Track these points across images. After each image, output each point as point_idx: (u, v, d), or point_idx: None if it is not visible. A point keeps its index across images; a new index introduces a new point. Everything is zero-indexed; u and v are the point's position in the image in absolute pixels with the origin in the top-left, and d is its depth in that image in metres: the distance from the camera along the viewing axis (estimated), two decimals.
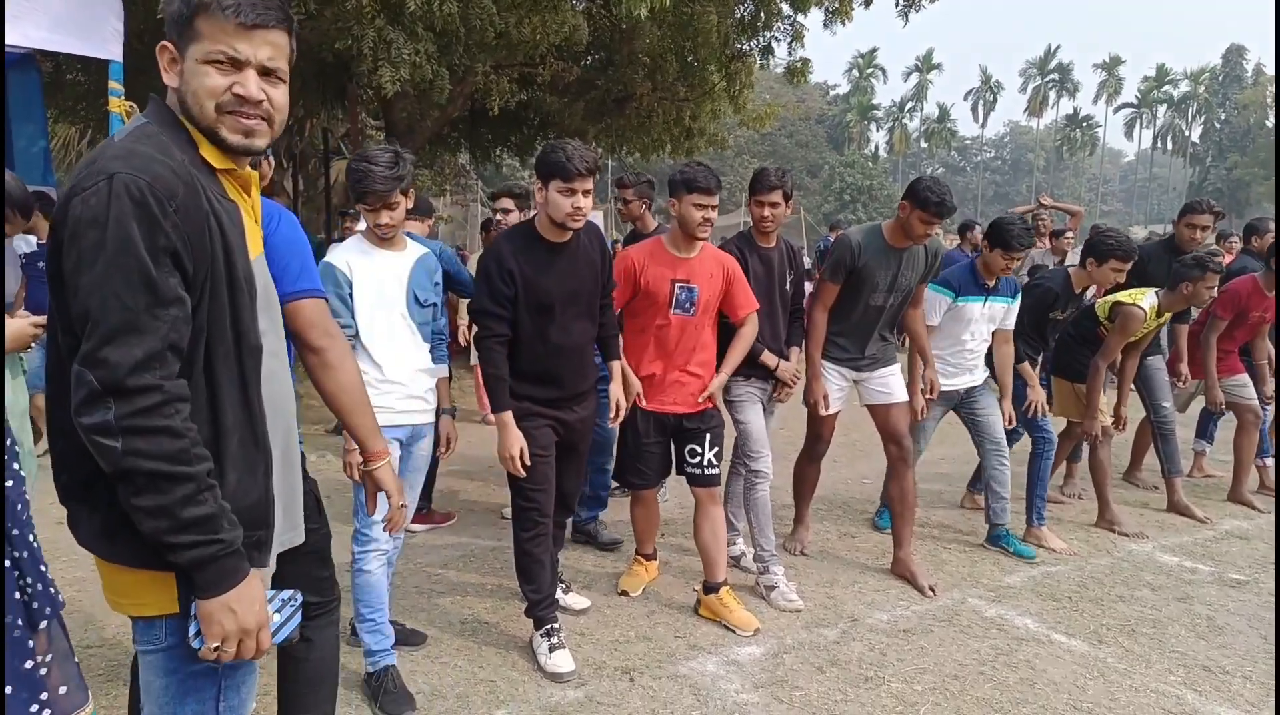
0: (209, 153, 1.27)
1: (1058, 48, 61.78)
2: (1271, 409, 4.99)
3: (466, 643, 2.92)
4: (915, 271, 3.47)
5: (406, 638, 2.87)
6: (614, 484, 3.95)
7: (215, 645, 1.19)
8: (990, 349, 3.97)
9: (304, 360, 1.75)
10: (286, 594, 1.34)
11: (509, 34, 6.62)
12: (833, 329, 3.53)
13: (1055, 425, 4.19)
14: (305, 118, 14.74)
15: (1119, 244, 3.89)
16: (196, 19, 1.21)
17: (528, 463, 2.67)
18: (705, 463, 3.16)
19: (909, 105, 63.19)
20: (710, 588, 3.15)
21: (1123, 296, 4.18)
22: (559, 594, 3.21)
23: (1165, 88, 58.62)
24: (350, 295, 2.45)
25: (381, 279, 2.51)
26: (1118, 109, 61.97)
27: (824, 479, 4.96)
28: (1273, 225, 6.10)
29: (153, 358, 1.11)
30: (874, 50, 59.50)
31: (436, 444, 2.79)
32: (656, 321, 3.09)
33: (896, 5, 7.61)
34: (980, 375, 3.96)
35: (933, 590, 3.40)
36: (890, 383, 3.59)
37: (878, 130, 63.09)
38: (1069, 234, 6.94)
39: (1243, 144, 49.52)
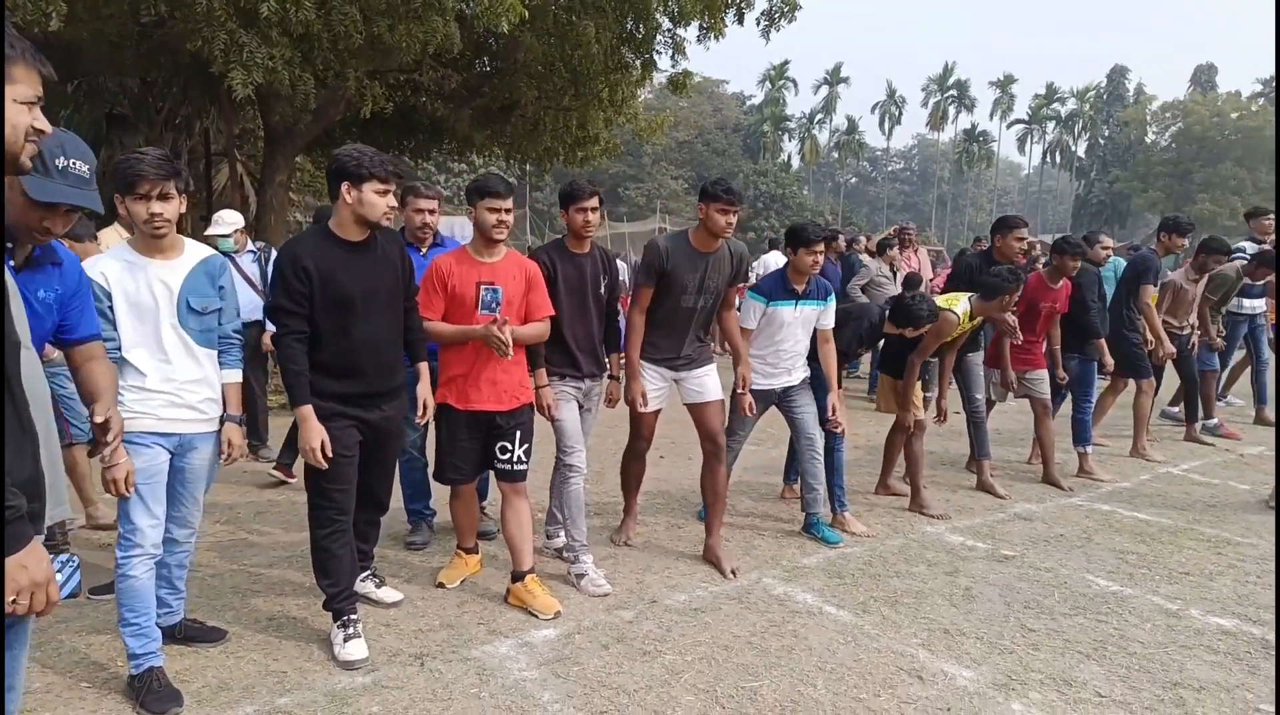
0: None
1: (954, 64, 64.81)
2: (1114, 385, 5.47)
3: (268, 638, 3.00)
4: (722, 274, 3.73)
5: (205, 635, 2.93)
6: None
7: (13, 598, 1.35)
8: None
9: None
10: (65, 557, 1.58)
11: (382, 39, 6.68)
12: (650, 330, 3.75)
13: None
14: (192, 117, 14.32)
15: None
16: None
17: (329, 455, 2.78)
18: (514, 459, 3.33)
19: (819, 117, 65.19)
20: (517, 576, 3.32)
21: (939, 301, 4.57)
22: (371, 588, 3.33)
23: (1054, 105, 62.36)
24: (111, 308, 2.47)
25: (144, 289, 2.51)
26: (1011, 124, 65.57)
27: (662, 474, 5.26)
28: (1104, 238, 6.72)
29: None
30: (785, 63, 61.19)
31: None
32: (465, 322, 3.24)
33: (758, 24, 8.00)
34: (798, 376, 4.24)
35: (734, 573, 3.66)
36: (705, 383, 3.83)
37: (790, 140, 64.83)
38: (892, 249, 7.52)
39: (1124, 159, 52.99)
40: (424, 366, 3.18)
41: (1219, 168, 45.30)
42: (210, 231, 5.28)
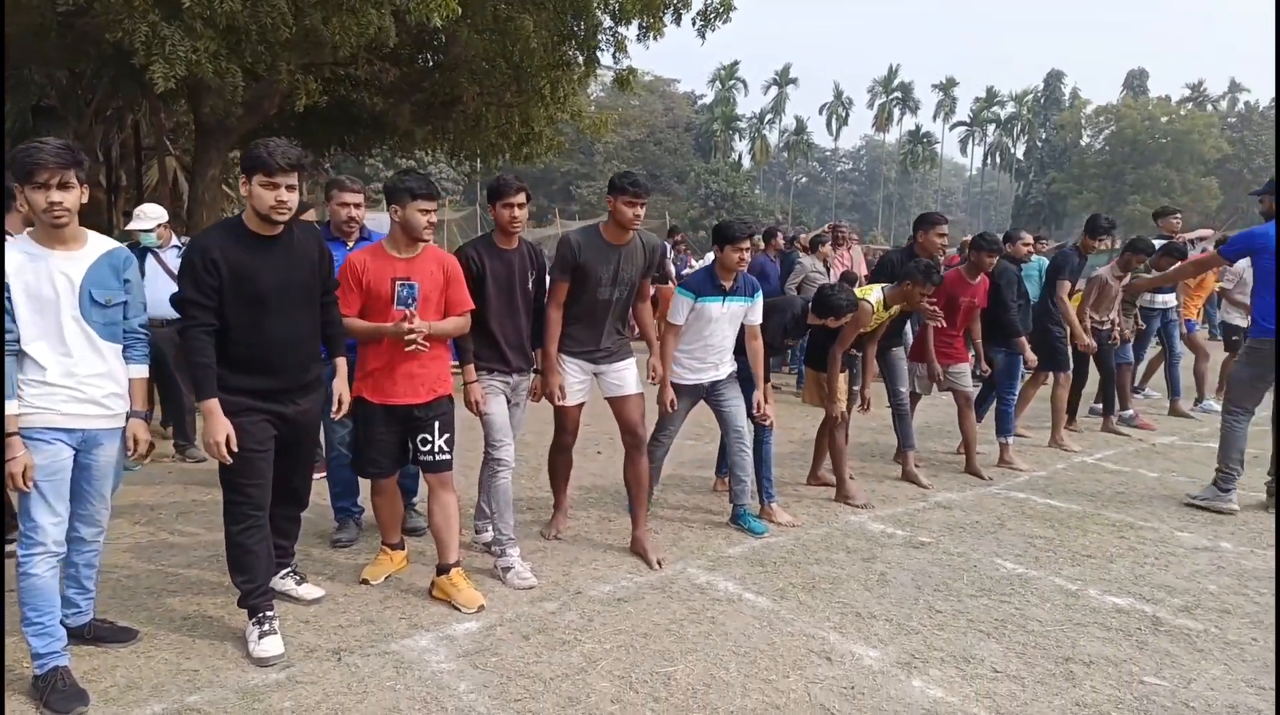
0: None
1: (898, 67, 66.26)
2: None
3: (181, 637, 2.96)
4: (635, 266, 3.78)
5: (114, 635, 2.88)
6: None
7: None
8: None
9: None
10: None
11: (315, 32, 6.59)
12: (568, 324, 3.79)
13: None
14: (124, 109, 13.89)
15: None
16: None
17: (234, 450, 2.75)
18: (436, 450, 3.33)
19: (768, 117, 65.96)
20: (442, 569, 3.33)
21: (855, 292, 4.71)
22: (291, 585, 3.31)
23: (994, 108, 64.18)
24: (9, 299, 2.41)
25: (44, 281, 2.46)
26: (953, 127, 67.28)
27: (597, 470, 5.31)
28: (1025, 235, 6.97)
29: None
30: (735, 63, 61.79)
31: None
32: (381, 317, 3.23)
33: (694, 24, 8.10)
34: (725, 370, 4.32)
35: (660, 563, 3.72)
36: (624, 376, 3.88)
37: (741, 140, 65.49)
38: (825, 245, 7.72)
39: (1061, 161, 54.74)
40: (341, 361, 3.17)
41: (1150, 169, 47.12)
42: (132, 226, 5.16)
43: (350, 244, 3.98)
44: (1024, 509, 4.65)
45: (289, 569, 3.32)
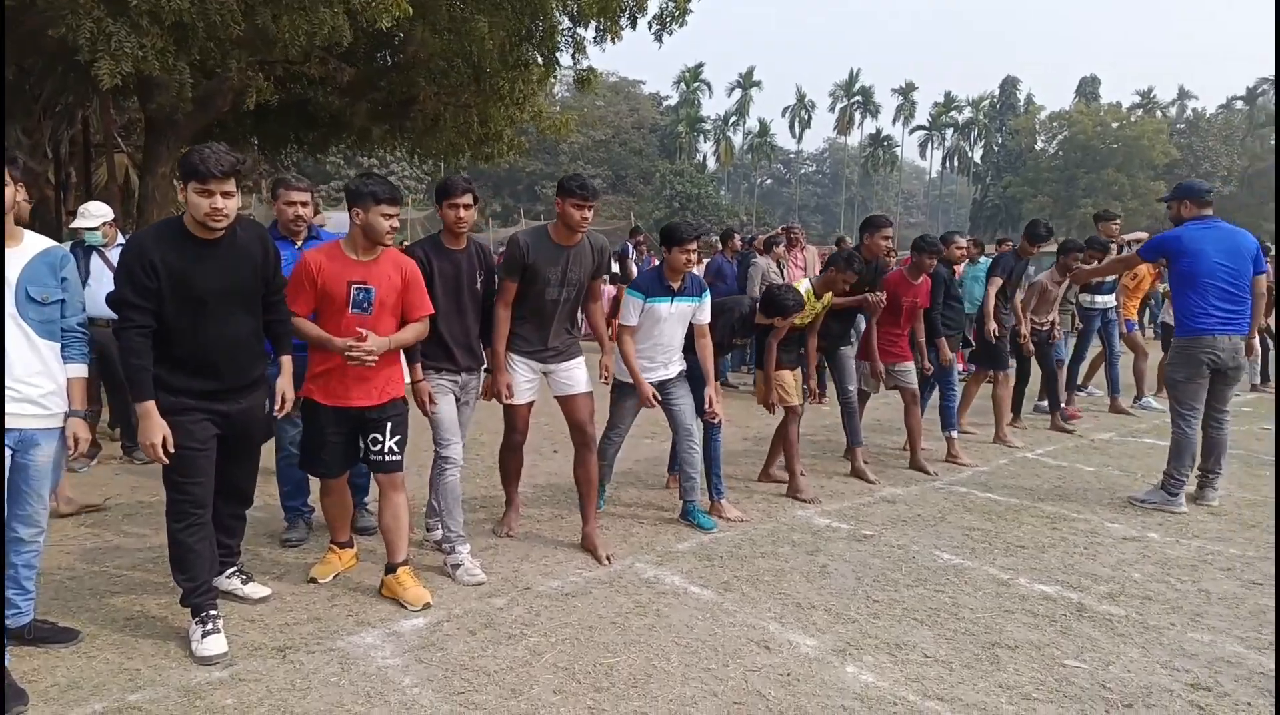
0: None
1: (859, 71, 67.30)
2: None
3: (124, 637, 2.95)
4: (584, 267, 3.84)
5: (55, 636, 2.87)
6: None
7: None
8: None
9: None
10: None
11: (266, 30, 6.53)
12: (517, 323, 3.83)
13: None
14: (74, 105, 13.55)
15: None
16: None
17: (170, 451, 2.75)
18: (386, 450, 3.35)
19: (732, 119, 66.44)
20: (390, 568, 3.36)
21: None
22: (237, 584, 3.31)
23: (952, 113, 65.42)
24: None
25: None
26: (912, 131, 68.45)
27: (554, 468, 5.35)
28: (959, 238, 7.19)
29: None
30: (700, 65, 62.15)
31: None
32: (335, 320, 3.25)
33: (650, 27, 8.18)
34: (675, 369, 4.39)
35: (609, 559, 3.78)
36: (574, 375, 3.94)
37: (705, 141, 65.86)
38: (779, 247, 7.91)
39: (1016, 165, 55.98)
40: (287, 359, 3.17)
41: (1101, 174, 48.38)
42: (76, 224, 5.07)
43: (298, 243, 3.97)
44: (965, 502, 4.81)
45: (235, 568, 3.31)
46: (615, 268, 11.60)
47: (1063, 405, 7.18)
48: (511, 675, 2.72)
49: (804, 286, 4.79)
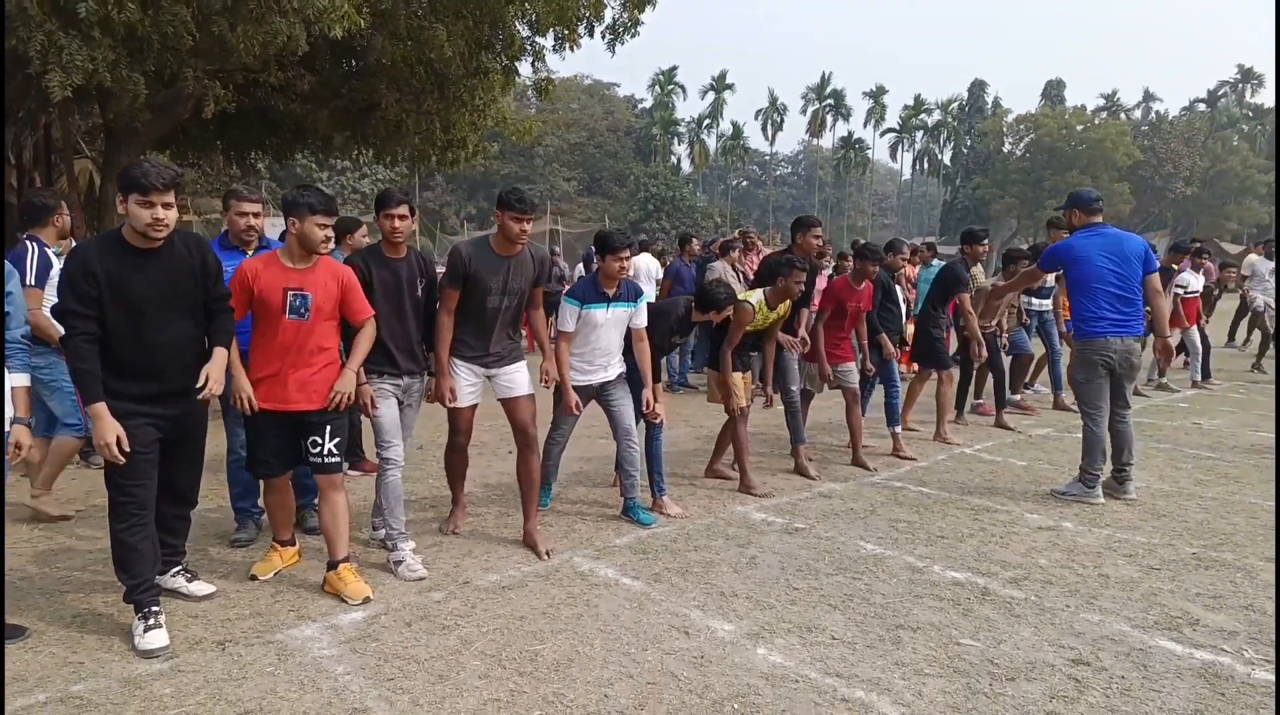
0: None
1: (831, 74, 68.08)
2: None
3: (71, 633, 3.08)
4: (525, 276, 4.01)
5: (3, 633, 2.97)
6: None
7: None
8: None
9: None
10: None
11: (224, 39, 6.62)
12: (459, 329, 3.99)
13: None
14: (36, 112, 13.46)
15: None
16: None
17: (126, 450, 2.88)
18: (325, 452, 3.50)
19: (706, 122, 66.85)
20: (332, 565, 3.50)
21: (739, 295, 5.03)
22: (182, 582, 3.43)
23: (922, 116, 66.36)
24: None
25: None
26: (883, 133, 69.35)
27: (507, 468, 5.49)
28: (905, 247, 7.47)
29: None
30: (674, 68, 62.50)
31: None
32: (274, 325, 3.39)
33: (603, 37, 8.37)
34: (614, 372, 4.57)
35: (549, 554, 3.95)
36: (515, 379, 4.10)
37: (680, 144, 66.21)
38: (734, 251, 8.13)
39: (985, 167, 56.81)
40: (220, 350, 3.16)
41: (1066, 175, 49.20)
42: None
43: (250, 253, 4.10)
44: (897, 497, 5.03)
45: (180, 567, 3.44)
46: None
47: (980, 401, 7.53)
48: (440, 663, 2.88)
49: (756, 297, 4.96)
